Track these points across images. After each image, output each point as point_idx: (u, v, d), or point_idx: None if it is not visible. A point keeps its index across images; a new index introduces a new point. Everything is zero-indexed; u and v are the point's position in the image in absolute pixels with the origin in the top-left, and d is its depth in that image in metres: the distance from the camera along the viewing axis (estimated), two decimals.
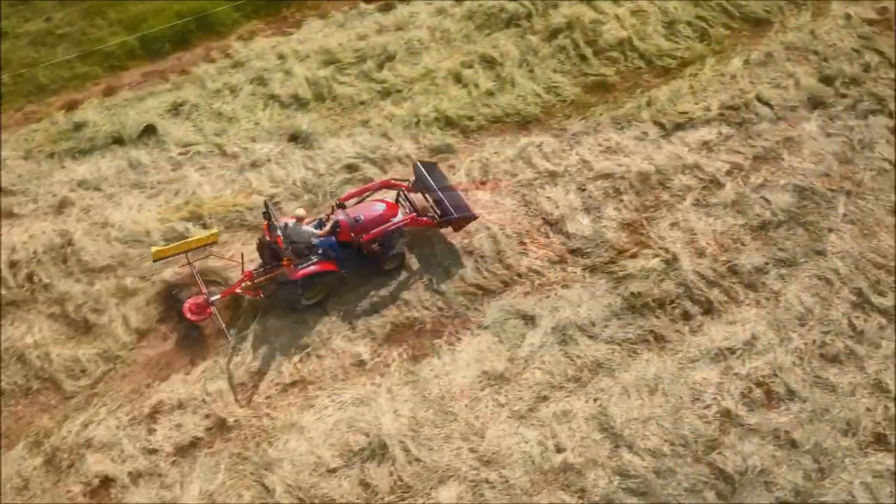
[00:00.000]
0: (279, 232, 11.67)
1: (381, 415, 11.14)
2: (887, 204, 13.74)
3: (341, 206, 12.60)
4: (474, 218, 12.98)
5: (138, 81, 15.31)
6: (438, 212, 12.91)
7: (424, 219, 12.88)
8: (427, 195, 13.13)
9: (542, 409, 11.36)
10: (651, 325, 12.23)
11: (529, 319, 12.27)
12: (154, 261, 12.07)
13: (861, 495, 10.75)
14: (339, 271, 12.11)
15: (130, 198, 13.46)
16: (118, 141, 14.18)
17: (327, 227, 12.14)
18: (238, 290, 12.04)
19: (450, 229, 13.02)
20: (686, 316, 12.38)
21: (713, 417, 11.33)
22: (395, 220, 12.51)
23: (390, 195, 13.23)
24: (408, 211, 12.98)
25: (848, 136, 14.73)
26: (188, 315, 11.88)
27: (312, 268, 11.82)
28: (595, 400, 11.47)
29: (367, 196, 12.98)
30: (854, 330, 12.26)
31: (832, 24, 16.56)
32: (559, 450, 10.96)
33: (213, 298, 11.90)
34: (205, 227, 12.99)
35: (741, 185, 13.95)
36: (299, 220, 11.93)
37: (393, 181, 13.15)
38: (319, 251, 12.03)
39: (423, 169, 12.98)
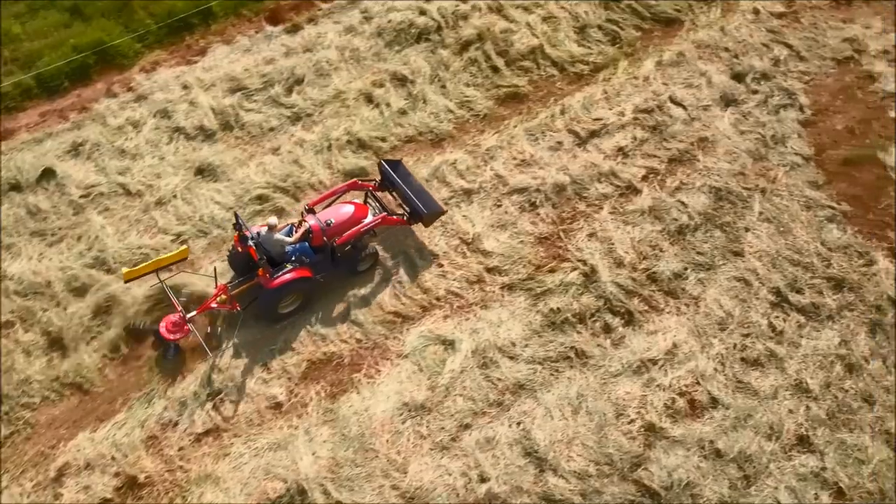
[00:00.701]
0: (251, 242, 11.41)
1: (300, 458, 10.81)
2: (801, 199, 13.74)
3: (311, 211, 12.42)
4: (443, 212, 13.01)
5: (36, 122, 14.69)
6: (407, 209, 12.82)
7: (395, 217, 12.87)
8: (394, 193, 13.05)
9: (465, 438, 11.12)
10: (572, 342, 12.05)
11: (449, 344, 12.01)
12: (125, 282, 11.78)
13: (786, 499, 10.68)
14: (315, 277, 11.90)
15: (30, 247, 12.93)
16: (15, 187, 13.63)
17: (299, 234, 11.97)
18: (214, 305, 11.77)
19: (420, 225, 13.01)
20: (607, 329, 12.23)
21: (637, 432, 11.18)
22: (367, 220, 12.49)
23: (359, 196, 13.19)
24: (377, 211, 12.91)
25: (761, 132, 14.71)
26: (166, 334, 11.56)
27: (288, 276, 11.64)
28: (518, 424, 11.26)
29: (335, 199, 12.83)
30: (774, 331, 12.21)
31: (741, 20, 16.58)
32: (483, 479, 10.72)
33: (189, 315, 11.61)
34: (109, 271, 12.53)
35: (657, 190, 13.85)
36: (271, 228, 11.73)
37: (359, 181, 13.08)
38: (293, 258, 11.80)
39: (388, 167, 12.90)
